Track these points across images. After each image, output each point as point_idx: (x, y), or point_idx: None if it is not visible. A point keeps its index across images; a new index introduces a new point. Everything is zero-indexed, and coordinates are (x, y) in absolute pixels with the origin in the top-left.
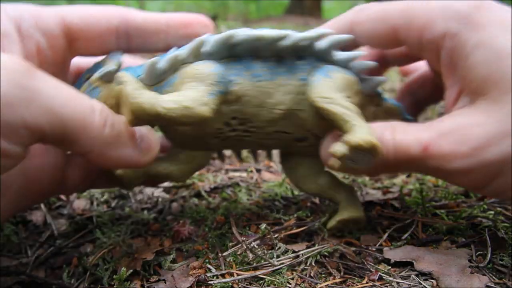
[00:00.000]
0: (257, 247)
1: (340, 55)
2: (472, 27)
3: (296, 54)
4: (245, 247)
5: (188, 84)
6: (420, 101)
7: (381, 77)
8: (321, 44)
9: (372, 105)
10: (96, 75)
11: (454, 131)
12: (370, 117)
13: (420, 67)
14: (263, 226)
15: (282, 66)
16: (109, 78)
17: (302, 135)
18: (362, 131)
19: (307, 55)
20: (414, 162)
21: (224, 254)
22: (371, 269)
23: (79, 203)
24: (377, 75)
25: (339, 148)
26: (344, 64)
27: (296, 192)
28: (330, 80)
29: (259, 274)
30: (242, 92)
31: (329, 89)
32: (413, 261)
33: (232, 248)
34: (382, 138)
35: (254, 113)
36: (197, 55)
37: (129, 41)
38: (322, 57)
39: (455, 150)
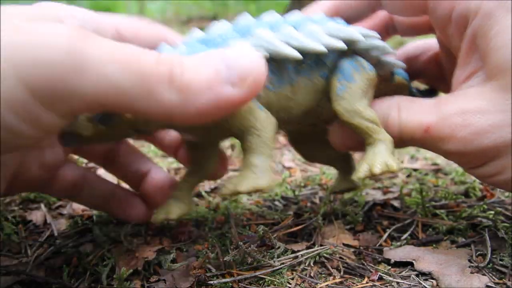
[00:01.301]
0: (256, 249)
1: (363, 43)
2: (505, 9)
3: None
4: (244, 250)
5: (245, 124)
6: (414, 70)
7: (399, 63)
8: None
9: (383, 83)
10: None
11: (456, 115)
12: (381, 94)
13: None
14: (260, 228)
15: (303, 63)
16: None
17: (314, 122)
18: (383, 154)
19: None
20: (416, 141)
21: (225, 256)
22: (371, 269)
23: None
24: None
25: (364, 173)
26: (366, 53)
27: (296, 192)
28: (354, 85)
29: (259, 274)
30: (264, 103)
31: (354, 99)
32: (413, 261)
33: (233, 252)
34: (388, 117)
35: (274, 116)
36: None
37: None
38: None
39: (454, 134)
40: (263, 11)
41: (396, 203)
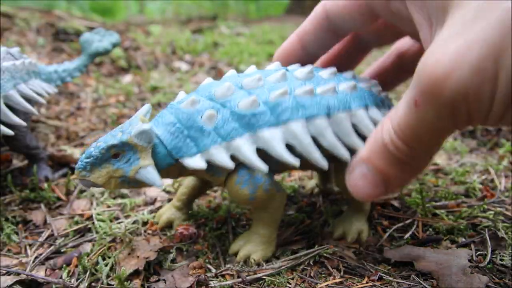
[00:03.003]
0: None
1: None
2: None
3: None
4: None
5: (264, 205)
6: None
7: None
8: None
9: None
10: (132, 133)
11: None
12: None
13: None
14: None
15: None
16: (145, 138)
17: None
18: (361, 221)
19: None
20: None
21: (225, 256)
22: (371, 269)
23: (79, 203)
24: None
25: (338, 236)
26: None
27: (296, 187)
28: None
29: (259, 275)
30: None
31: None
32: (413, 261)
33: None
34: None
35: None
36: None
37: None
38: None
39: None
40: (263, 11)
41: (396, 203)
